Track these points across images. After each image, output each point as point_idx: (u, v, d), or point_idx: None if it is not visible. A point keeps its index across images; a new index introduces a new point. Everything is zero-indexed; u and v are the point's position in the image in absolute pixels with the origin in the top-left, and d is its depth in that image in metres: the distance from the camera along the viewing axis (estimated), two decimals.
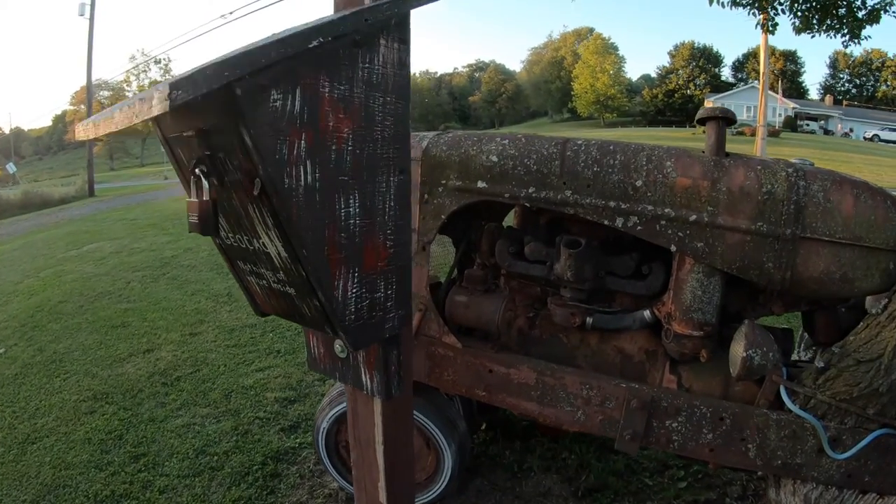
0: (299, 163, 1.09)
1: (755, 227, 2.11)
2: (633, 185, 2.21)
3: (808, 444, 2.17)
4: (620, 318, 2.31)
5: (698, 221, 2.15)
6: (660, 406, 2.22)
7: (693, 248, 2.16)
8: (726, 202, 2.13)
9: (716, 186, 2.15)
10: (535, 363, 2.30)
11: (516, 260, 2.40)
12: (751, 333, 1.99)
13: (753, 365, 1.97)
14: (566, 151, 2.30)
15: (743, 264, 2.15)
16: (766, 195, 2.10)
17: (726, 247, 2.14)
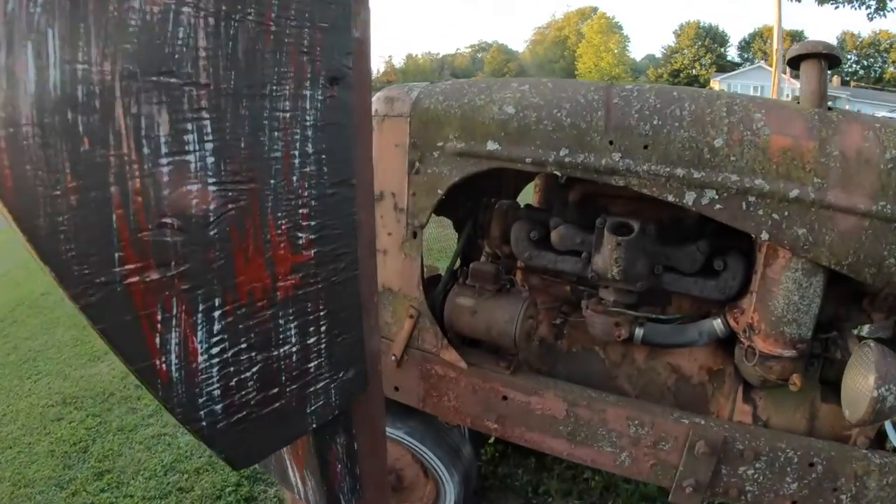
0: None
1: (876, 208, 1.51)
2: (709, 146, 1.58)
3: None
4: (681, 329, 1.70)
5: (801, 199, 1.54)
6: (733, 449, 1.64)
7: (792, 237, 1.56)
8: (839, 173, 1.53)
9: (824, 150, 1.54)
10: (565, 389, 1.70)
11: (539, 250, 1.76)
12: (881, 362, 1.40)
13: (885, 407, 1.38)
14: (612, 98, 1.66)
15: (857, 260, 1.55)
16: (890, 163, 1.51)
17: (837, 235, 1.54)
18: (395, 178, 1.83)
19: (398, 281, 1.83)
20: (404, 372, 1.86)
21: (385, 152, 1.86)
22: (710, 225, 1.76)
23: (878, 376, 1.39)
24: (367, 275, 0.80)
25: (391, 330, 1.87)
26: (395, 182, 1.83)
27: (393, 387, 1.89)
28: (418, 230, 1.80)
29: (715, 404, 1.77)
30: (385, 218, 1.86)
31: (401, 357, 1.84)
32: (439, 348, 1.79)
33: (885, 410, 1.40)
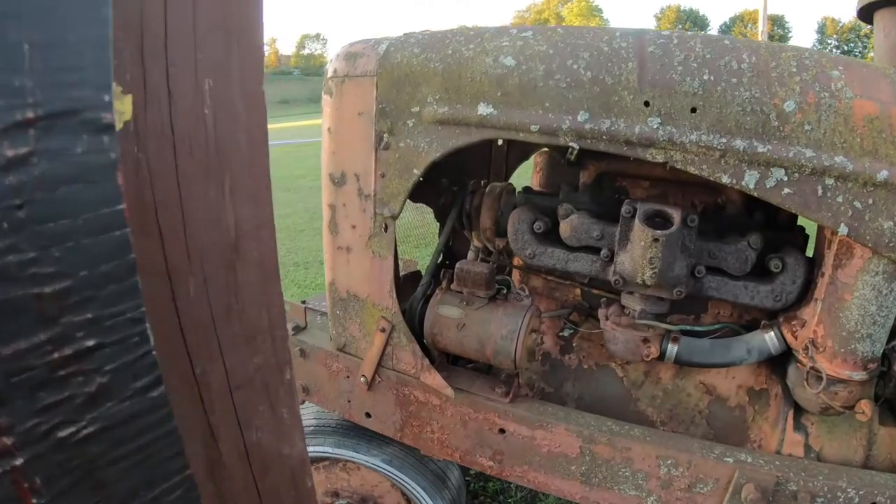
0: None
1: None
2: (778, 111, 1.19)
3: None
4: (725, 345, 1.34)
5: (890, 183, 1.18)
6: (785, 491, 1.32)
7: (876, 231, 1.20)
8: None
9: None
10: (580, 423, 1.32)
11: (545, 246, 1.35)
12: None
13: None
14: (646, 46, 1.24)
15: None
16: None
17: None
18: (358, 156, 1.38)
19: (366, 286, 1.40)
20: (377, 396, 1.45)
21: (346, 123, 1.40)
22: (760, 213, 1.39)
23: None
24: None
25: (359, 346, 1.45)
26: (358, 161, 1.38)
27: (364, 413, 1.48)
28: (389, 222, 1.35)
29: (757, 432, 1.45)
30: (348, 207, 1.41)
31: (371, 379, 1.43)
32: (419, 370, 1.38)
33: None
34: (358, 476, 1.61)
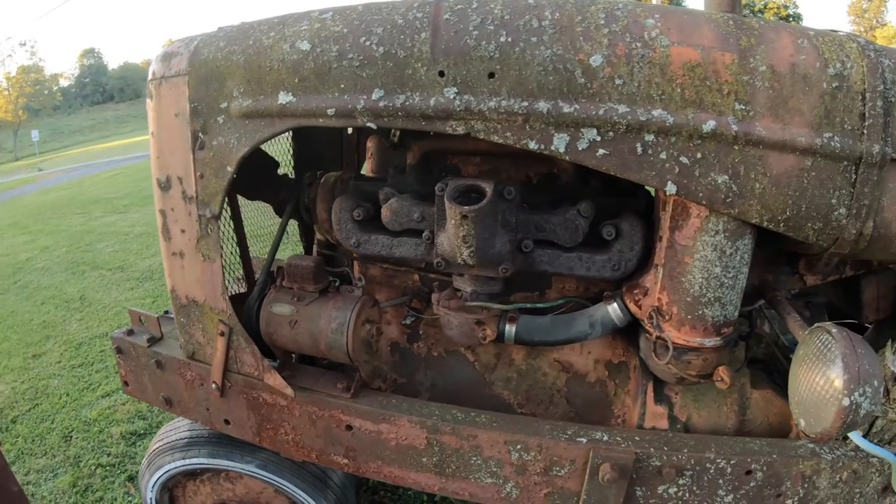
0: None
1: (820, 141, 1.08)
2: (584, 66, 1.08)
3: (871, 485, 1.33)
4: (566, 321, 1.25)
5: (719, 133, 1.07)
6: (648, 468, 1.24)
7: (709, 187, 1.10)
8: (769, 95, 1.06)
9: (747, 64, 1.07)
10: (423, 413, 1.25)
11: (369, 233, 1.27)
12: (850, 355, 0.98)
13: (858, 418, 0.98)
14: (441, 14, 1.14)
15: (797, 212, 1.12)
16: (835, 81, 1.08)
17: (770, 181, 1.10)
18: (179, 158, 1.31)
19: (201, 290, 1.34)
20: (231, 402, 1.40)
21: (165, 126, 1.33)
22: (596, 180, 1.28)
23: (850, 377, 0.97)
24: None
25: (206, 352, 1.40)
26: (179, 163, 1.32)
27: (223, 420, 1.44)
28: (212, 223, 1.29)
29: (620, 406, 1.35)
30: (176, 211, 1.35)
31: (222, 384, 1.38)
32: (261, 371, 1.32)
33: (859, 420, 1.00)
34: (242, 484, 1.58)
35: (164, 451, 1.56)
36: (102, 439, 3.05)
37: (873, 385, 0.99)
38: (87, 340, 4.45)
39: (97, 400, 3.49)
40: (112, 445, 2.98)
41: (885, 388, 1.30)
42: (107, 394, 3.54)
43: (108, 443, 3.01)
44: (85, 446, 3.02)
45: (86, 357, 4.17)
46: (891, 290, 1.47)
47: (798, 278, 1.34)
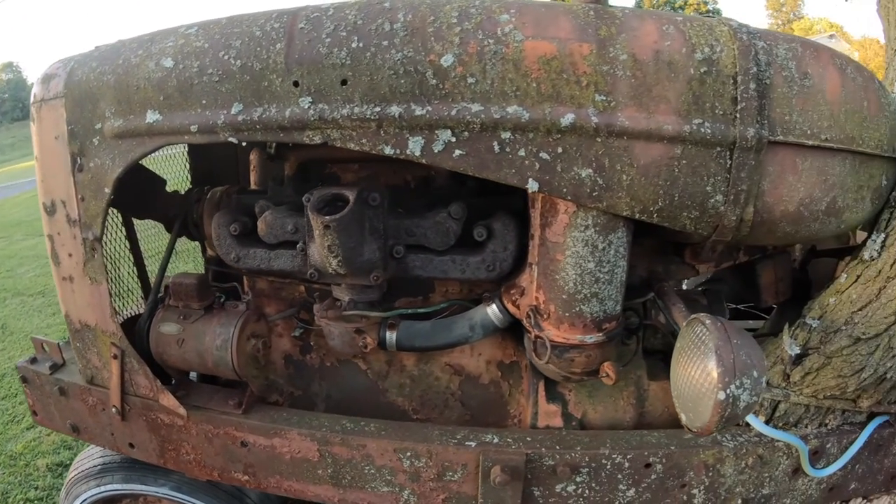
0: None
1: (690, 128, 1.03)
2: (435, 67, 1.04)
3: (780, 468, 1.31)
4: (446, 325, 1.21)
5: (579, 126, 1.03)
6: (541, 467, 1.21)
7: (572, 182, 1.05)
8: (631, 84, 1.02)
9: (606, 54, 1.02)
10: (312, 425, 1.22)
11: (248, 246, 1.23)
12: (724, 346, 0.93)
13: (738, 410, 0.94)
14: (297, 24, 1.09)
15: (670, 202, 1.07)
16: (703, 66, 1.04)
17: (638, 172, 1.05)
18: (61, 182, 1.29)
19: (92, 314, 1.32)
20: (132, 425, 1.38)
21: (47, 150, 1.31)
22: (473, 180, 1.24)
23: (724, 369, 0.93)
24: None
25: (103, 376, 1.38)
26: (62, 186, 1.29)
27: (127, 443, 1.42)
28: (95, 245, 1.26)
29: (515, 407, 1.32)
30: (62, 235, 1.32)
31: (121, 408, 1.36)
32: (155, 392, 1.30)
33: (739, 413, 0.96)
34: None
35: (80, 480, 1.54)
36: (29, 472, 3.00)
37: (752, 376, 0.95)
38: (10, 371, 4.23)
39: (22, 433, 3.41)
40: (39, 479, 2.93)
41: (787, 372, 1.26)
42: (31, 426, 3.44)
43: (35, 476, 2.96)
44: (12, 481, 2.97)
45: (9, 389, 4.01)
46: (789, 273, 1.42)
47: (690, 267, 1.30)
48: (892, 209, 1.31)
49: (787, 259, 1.42)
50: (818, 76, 1.14)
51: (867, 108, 1.21)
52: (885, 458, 1.40)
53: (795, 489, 1.35)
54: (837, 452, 1.33)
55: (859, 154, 1.21)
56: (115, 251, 1.44)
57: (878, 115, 1.23)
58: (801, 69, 1.13)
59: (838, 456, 1.33)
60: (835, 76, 1.17)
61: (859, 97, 1.20)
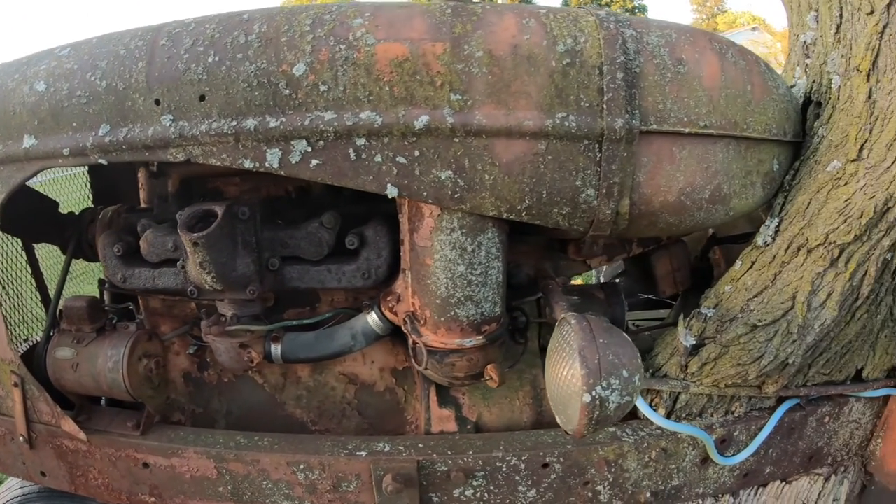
0: None
1: (553, 123, 1.00)
2: (287, 77, 1.01)
3: (688, 459, 1.27)
4: (329, 335, 1.18)
5: (434, 128, 0.99)
6: (435, 473, 1.18)
7: (433, 185, 1.02)
8: (488, 81, 0.98)
9: (460, 52, 0.98)
10: (207, 442, 1.19)
11: (133, 266, 1.20)
12: (588, 346, 0.90)
13: (608, 412, 0.90)
14: (159, 41, 1.07)
15: (538, 200, 1.04)
16: (565, 58, 1.00)
17: (501, 171, 1.02)
18: None
19: None
20: (41, 453, 1.36)
21: None
22: (347, 191, 1.21)
23: (588, 371, 0.89)
24: None
25: (8, 405, 1.36)
26: None
27: (39, 472, 1.40)
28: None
29: (412, 413, 1.29)
30: None
31: (29, 436, 1.35)
32: (56, 418, 1.28)
33: (610, 414, 0.92)
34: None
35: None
36: None
37: (621, 376, 0.92)
38: None
39: None
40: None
41: (684, 363, 1.22)
42: None
43: None
44: None
45: None
46: (686, 262, 1.38)
47: (581, 263, 1.26)
48: (786, 193, 1.27)
49: (684, 248, 1.37)
50: (694, 62, 1.10)
51: (751, 92, 1.16)
52: (799, 440, 1.35)
53: (707, 478, 1.30)
54: (747, 439, 1.28)
55: (744, 139, 1.16)
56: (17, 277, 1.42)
57: (765, 99, 1.19)
58: (675, 56, 1.09)
59: (748, 442, 1.28)
60: (713, 61, 1.13)
61: (741, 81, 1.15)
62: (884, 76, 1.27)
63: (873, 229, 1.19)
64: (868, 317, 1.28)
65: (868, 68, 1.28)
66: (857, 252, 1.19)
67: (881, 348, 1.35)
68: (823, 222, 1.20)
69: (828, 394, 1.31)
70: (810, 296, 1.18)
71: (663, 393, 1.23)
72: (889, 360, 1.37)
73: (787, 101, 1.25)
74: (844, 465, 1.45)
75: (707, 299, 1.24)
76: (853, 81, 1.29)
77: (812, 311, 1.18)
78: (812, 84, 1.40)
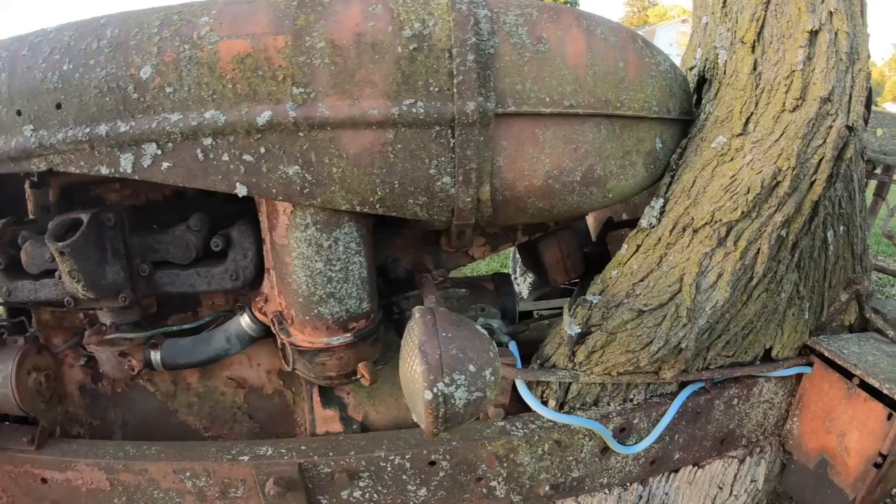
0: None
1: (401, 110, 0.96)
2: (135, 81, 0.98)
3: (586, 450, 1.21)
4: (206, 339, 1.14)
5: (277, 123, 0.96)
6: (319, 475, 1.13)
7: (281, 182, 0.98)
8: (331, 72, 0.95)
9: (302, 44, 0.95)
10: (97, 454, 1.16)
11: (16, 279, 1.16)
12: (429, 342, 0.85)
13: (458, 409, 0.85)
14: (21, 51, 1.06)
15: (390, 191, 1.00)
16: (412, 43, 0.96)
17: (349, 163, 0.98)
18: None
19: None
20: None
21: None
22: (209, 195, 1.18)
23: (428, 367, 0.84)
24: None
25: None
26: None
27: None
28: None
29: (301, 415, 1.24)
30: None
31: None
32: None
33: (460, 412, 0.86)
34: None
35: None
36: None
37: (466, 371, 0.86)
38: None
39: None
40: None
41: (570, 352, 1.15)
42: None
43: None
44: None
45: None
46: (575, 249, 1.31)
47: (463, 254, 1.21)
48: (673, 173, 1.20)
49: (572, 234, 1.31)
50: (556, 40, 1.05)
51: (624, 69, 1.11)
52: (707, 424, 1.27)
53: (610, 467, 1.23)
54: (649, 426, 1.21)
55: (619, 118, 1.11)
56: None
57: (641, 76, 1.13)
58: (535, 34, 1.04)
59: (650, 429, 1.21)
60: (578, 38, 1.07)
61: (612, 58, 1.10)
62: (769, 47, 1.21)
63: (763, 205, 1.12)
64: (768, 296, 1.20)
65: (753, 39, 1.22)
66: (746, 230, 1.12)
67: (790, 326, 1.26)
68: (709, 200, 1.13)
69: (734, 376, 1.23)
70: (698, 277, 1.11)
71: (553, 384, 1.16)
72: (799, 338, 1.28)
73: (670, 77, 1.19)
74: (760, 446, 1.36)
75: (594, 285, 1.17)
76: (738, 54, 1.23)
77: (702, 293, 1.11)
78: (704, 62, 1.34)
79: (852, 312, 1.35)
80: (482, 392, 0.87)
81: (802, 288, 1.26)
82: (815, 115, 1.14)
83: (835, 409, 1.23)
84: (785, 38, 1.19)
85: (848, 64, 1.19)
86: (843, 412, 1.22)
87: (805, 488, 1.32)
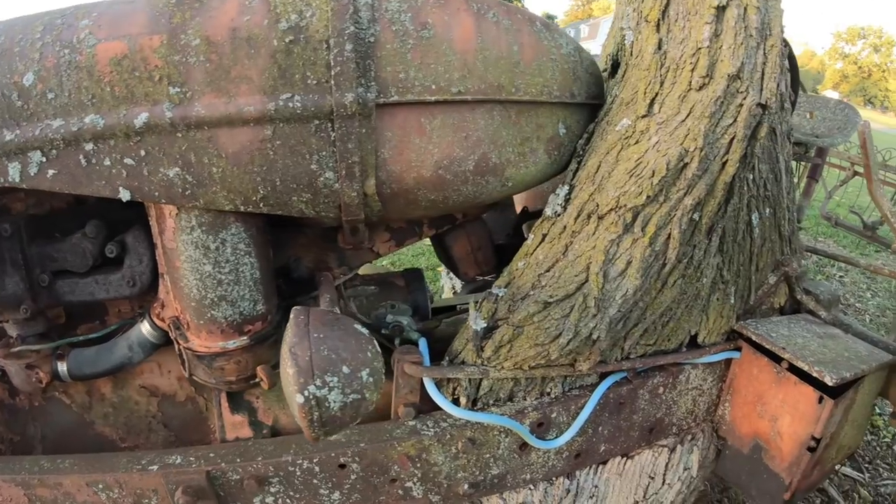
0: None
1: (277, 105, 0.92)
2: (19, 88, 0.97)
3: (503, 446, 1.16)
4: (109, 348, 1.11)
5: (155, 124, 0.93)
6: (229, 483, 1.08)
7: (162, 185, 0.95)
8: (207, 69, 0.93)
9: (177, 43, 0.93)
10: (12, 469, 1.14)
11: None
12: (300, 343, 0.80)
13: (334, 412, 0.80)
14: None
15: (272, 189, 0.96)
16: (288, 35, 0.93)
17: (228, 163, 0.94)
18: None
19: None
20: None
21: None
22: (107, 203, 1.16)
23: (298, 369, 0.80)
24: None
25: None
26: None
27: None
28: None
29: (214, 422, 1.21)
30: None
31: None
32: None
33: (336, 414, 0.82)
34: None
35: None
36: None
37: (340, 372, 0.82)
38: None
39: None
40: None
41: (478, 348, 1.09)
42: None
43: None
44: None
45: None
46: (487, 241, 1.26)
47: (368, 251, 1.16)
48: (579, 159, 1.15)
49: (482, 226, 1.25)
50: (442, 25, 1.01)
51: (519, 53, 1.06)
52: (633, 414, 1.20)
53: (531, 463, 1.17)
54: (569, 419, 1.15)
55: (514, 103, 1.06)
56: None
57: (540, 60, 1.08)
58: (420, 20, 1.00)
59: (571, 423, 1.14)
60: (466, 22, 1.03)
61: (505, 42, 1.05)
62: (675, 24, 1.15)
63: (670, 189, 1.06)
64: (686, 282, 1.13)
65: (657, 18, 1.16)
66: (654, 215, 1.06)
67: (715, 312, 1.19)
68: (614, 186, 1.08)
69: (657, 364, 1.16)
70: (606, 265, 1.05)
71: (463, 381, 1.10)
72: (726, 323, 1.21)
73: (573, 61, 1.14)
74: (692, 433, 1.29)
75: (500, 277, 1.12)
76: (643, 34, 1.17)
77: (610, 282, 1.05)
78: (615, 46, 1.28)
79: (782, 295, 1.28)
80: (359, 394, 0.82)
81: (727, 272, 1.19)
82: (723, 94, 1.08)
83: (765, 393, 1.16)
84: (691, 15, 1.14)
85: (759, 40, 1.13)
86: (773, 396, 1.14)
87: (741, 473, 1.24)
